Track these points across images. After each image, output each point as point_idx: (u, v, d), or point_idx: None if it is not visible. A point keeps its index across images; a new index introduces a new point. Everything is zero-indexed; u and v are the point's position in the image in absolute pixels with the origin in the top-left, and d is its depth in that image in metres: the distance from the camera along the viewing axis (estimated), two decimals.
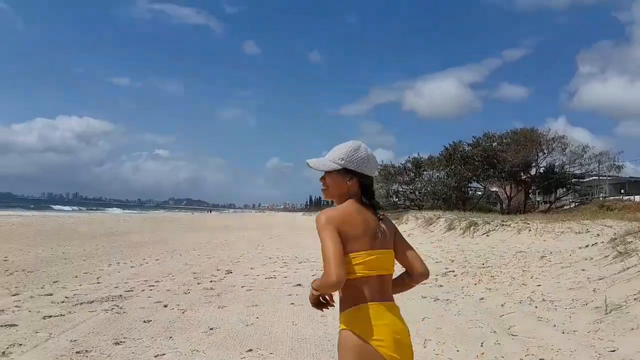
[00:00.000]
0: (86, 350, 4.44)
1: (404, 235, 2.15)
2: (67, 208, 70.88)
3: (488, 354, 4.45)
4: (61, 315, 5.77)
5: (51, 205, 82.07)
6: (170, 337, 4.95)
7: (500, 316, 5.90)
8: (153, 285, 8.06)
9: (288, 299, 7.13)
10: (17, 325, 5.22)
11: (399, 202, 70.77)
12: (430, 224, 24.58)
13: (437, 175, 63.13)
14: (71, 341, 4.71)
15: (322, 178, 2.04)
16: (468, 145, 44.99)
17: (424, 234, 23.13)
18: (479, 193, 55.66)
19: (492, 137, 42.80)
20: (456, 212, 26.35)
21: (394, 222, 2.11)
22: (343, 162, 1.97)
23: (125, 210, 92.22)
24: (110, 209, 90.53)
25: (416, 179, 67.42)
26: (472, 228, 18.13)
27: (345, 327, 1.83)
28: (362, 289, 1.85)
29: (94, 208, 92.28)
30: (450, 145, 55.44)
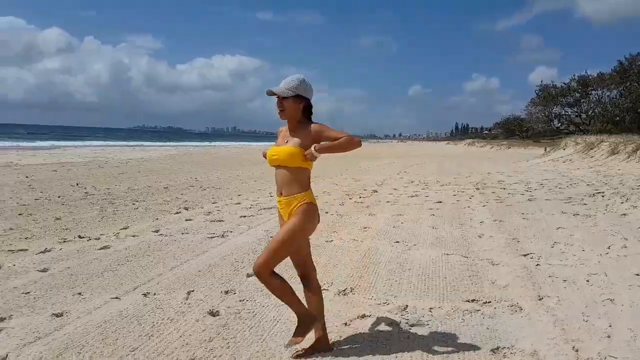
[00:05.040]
0: None
1: (560, 161, 2.91)
2: (226, 143, 79.08)
3: (612, 253, 4.90)
4: (252, 215, 7.51)
5: (215, 140, 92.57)
6: (334, 231, 6.28)
7: (638, 228, 6.09)
8: None
9: (429, 211, 8.04)
10: (223, 221, 7.02)
11: (561, 127, 64.27)
12: (591, 149, 22.92)
13: (608, 95, 55.77)
14: (265, 230, 6.31)
15: (280, 102, 2.75)
16: None
17: (583, 159, 21.76)
18: None
19: None
20: (623, 136, 23.96)
21: (550, 148, 2.96)
22: (296, 90, 2.72)
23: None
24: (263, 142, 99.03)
25: (582, 100, 60.13)
26: (638, 152, 16.71)
27: (311, 201, 2.81)
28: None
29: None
30: (626, 58, 48.43)
